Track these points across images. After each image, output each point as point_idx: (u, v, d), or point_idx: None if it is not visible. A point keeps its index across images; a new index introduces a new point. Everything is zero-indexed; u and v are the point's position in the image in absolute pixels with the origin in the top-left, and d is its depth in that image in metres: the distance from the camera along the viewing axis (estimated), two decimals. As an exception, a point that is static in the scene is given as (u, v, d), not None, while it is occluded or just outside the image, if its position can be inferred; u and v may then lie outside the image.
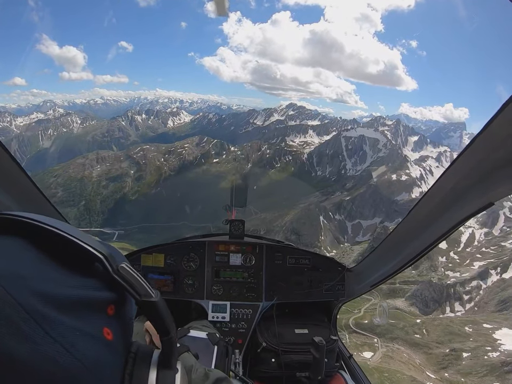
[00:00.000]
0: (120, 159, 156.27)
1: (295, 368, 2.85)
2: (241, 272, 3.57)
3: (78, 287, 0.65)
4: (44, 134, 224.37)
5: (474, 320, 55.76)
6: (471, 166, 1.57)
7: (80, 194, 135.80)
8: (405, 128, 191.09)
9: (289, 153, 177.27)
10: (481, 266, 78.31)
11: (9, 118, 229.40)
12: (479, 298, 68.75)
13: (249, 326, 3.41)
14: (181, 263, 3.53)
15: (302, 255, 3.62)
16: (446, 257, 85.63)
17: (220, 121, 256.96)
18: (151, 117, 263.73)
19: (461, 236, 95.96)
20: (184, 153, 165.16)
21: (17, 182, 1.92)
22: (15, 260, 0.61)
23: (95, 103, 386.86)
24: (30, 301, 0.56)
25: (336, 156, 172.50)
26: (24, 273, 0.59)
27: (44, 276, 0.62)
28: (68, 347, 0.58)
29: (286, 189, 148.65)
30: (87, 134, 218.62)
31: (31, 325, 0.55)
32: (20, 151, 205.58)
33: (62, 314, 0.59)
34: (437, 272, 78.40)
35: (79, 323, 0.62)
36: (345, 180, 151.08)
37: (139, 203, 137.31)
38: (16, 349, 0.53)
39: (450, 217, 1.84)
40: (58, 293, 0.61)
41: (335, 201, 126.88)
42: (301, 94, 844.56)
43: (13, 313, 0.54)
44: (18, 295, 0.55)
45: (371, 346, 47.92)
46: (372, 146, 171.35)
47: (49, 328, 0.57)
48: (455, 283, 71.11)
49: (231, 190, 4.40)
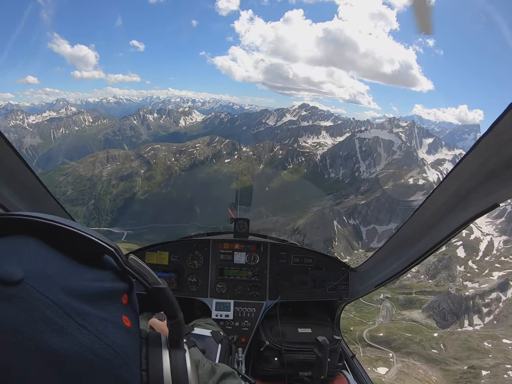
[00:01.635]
0: (130, 158, 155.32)
1: (298, 367, 2.91)
2: (245, 271, 3.60)
3: (96, 280, 0.71)
4: (56, 132, 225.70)
5: (494, 335, 52.88)
6: (476, 167, 1.56)
7: (90, 193, 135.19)
8: (420, 130, 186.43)
9: (302, 154, 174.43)
10: (500, 276, 74.67)
11: (22, 116, 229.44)
12: (498, 311, 65.28)
13: (253, 325, 3.44)
14: (185, 261, 3.57)
15: (306, 255, 3.66)
16: (464, 266, 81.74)
17: (231, 121, 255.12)
18: (162, 116, 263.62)
19: (480, 244, 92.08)
20: (195, 153, 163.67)
21: (25, 181, 1.94)
22: (36, 259, 0.64)
23: (107, 101, 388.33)
24: (60, 297, 0.61)
25: (349, 157, 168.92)
26: (48, 271, 0.64)
27: (65, 272, 0.67)
28: (98, 335, 0.64)
29: (299, 191, 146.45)
30: (98, 132, 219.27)
31: (65, 318, 0.60)
32: (32, 149, 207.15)
33: (88, 306, 0.65)
34: (455, 282, 75.02)
35: (103, 313, 0.67)
36: (359, 182, 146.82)
37: (149, 203, 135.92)
38: (56, 342, 0.58)
39: (455, 218, 1.84)
40: (81, 287, 0.66)
41: (349, 204, 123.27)
42: (313, 94, 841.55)
43: (47, 310, 0.59)
44: (48, 292, 0.60)
45: (386, 361, 45.47)
46: (386, 148, 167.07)
47: (81, 320, 0.62)
48: (474, 295, 67.48)
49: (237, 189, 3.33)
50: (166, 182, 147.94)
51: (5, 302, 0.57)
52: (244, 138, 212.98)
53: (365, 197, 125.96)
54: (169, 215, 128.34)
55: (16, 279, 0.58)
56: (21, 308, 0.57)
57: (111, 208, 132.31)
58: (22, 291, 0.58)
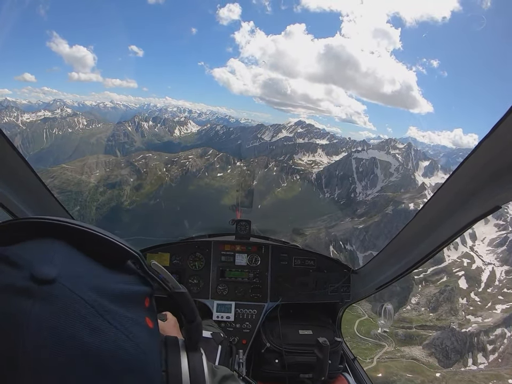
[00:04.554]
0: (120, 165, 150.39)
1: (299, 369, 2.95)
2: (246, 272, 3.63)
3: (122, 283, 0.75)
4: (49, 132, 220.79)
5: (499, 374, 50.57)
6: (477, 170, 1.58)
7: (76, 199, 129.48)
8: (416, 152, 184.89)
9: (297, 172, 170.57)
10: (504, 310, 71.03)
11: (16, 113, 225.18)
12: (503, 348, 61.24)
13: (254, 326, 3.47)
14: (186, 263, 3.61)
15: (307, 256, 3.70)
16: (466, 298, 77.68)
17: (227, 134, 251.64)
18: (158, 124, 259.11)
19: (481, 274, 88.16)
20: (188, 164, 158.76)
21: (26, 181, 1.96)
22: (67, 260, 0.68)
23: (104, 106, 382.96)
24: (91, 296, 0.65)
25: (346, 177, 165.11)
26: (78, 271, 0.67)
27: (94, 274, 0.71)
28: (127, 334, 0.68)
29: (292, 210, 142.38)
30: (92, 136, 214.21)
31: (97, 317, 0.64)
32: (23, 147, 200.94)
33: (116, 307, 0.68)
34: (457, 316, 70.90)
35: (129, 313, 0.71)
36: (356, 204, 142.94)
37: (136, 214, 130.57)
38: (91, 340, 0.61)
39: (457, 220, 1.86)
40: (109, 288, 0.70)
41: (345, 227, 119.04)
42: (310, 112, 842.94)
43: (81, 309, 0.62)
44: (80, 292, 0.63)
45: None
46: (383, 170, 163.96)
47: (111, 319, 0.66)
48: (478, 331, 63.65)
49: (238, 192, 3.78)
50: (155, 193, 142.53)
51: (41, 300, 0.59)
52: (238, 152, 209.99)
53: (362, 220, 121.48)
54: (156, 227, 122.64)
55: (50, 278, 0.61)
56: (56, 306, 0.60)
57: (96, 217, 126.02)
58: (56, 290, 0.61)
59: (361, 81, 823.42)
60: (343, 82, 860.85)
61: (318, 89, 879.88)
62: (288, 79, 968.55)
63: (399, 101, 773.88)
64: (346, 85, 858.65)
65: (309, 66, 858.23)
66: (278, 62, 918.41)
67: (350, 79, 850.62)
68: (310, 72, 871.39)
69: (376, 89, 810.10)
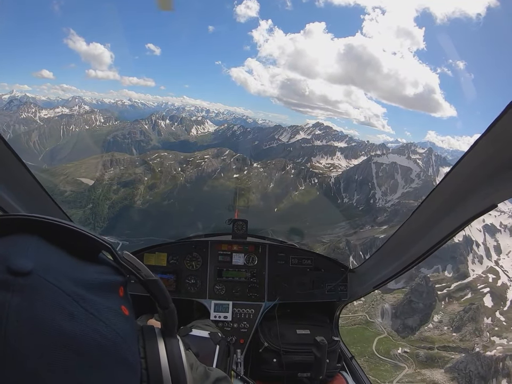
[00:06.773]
0: (135, 164, 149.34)
1: (297, 369, 2.95)
2: (243, 272, 3.64)
3: (96, 273, 0.77)
4: (66, 129, 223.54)
5: None
6: (474, 168, 1.59)
7: (89, 197, 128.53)
8: (437, 158, 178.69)
9: (315, 175, 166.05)
10: (530, 332, 65.97)
11: (34, 109, 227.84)
12: (529, 375, 56.36)
13: (251, 326, 3.48)
14: (183, 262, 3.61)
15: (304, 256, 3.71)
16: (491, 318, 72.30)
17: (244, 134, 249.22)
18: (175, 123, 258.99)
19: (507, 291, 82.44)
20: (203, 164, 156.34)
21: (22, 181, 1.97)
22: (41, 253, 0.70)
23: (122, 104, 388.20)
24: (68, 286, 0.67)
25: (365, 182, 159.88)
26: (53, 263, 0.70)
27: (68, 265, 0.73)
28: (105, 321, 0.70)
29: (310, 215, 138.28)
30: (108, 133, 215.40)
31: (74, 305, 0.66)
32: (39, 143, 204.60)
33: (92, 295, 0.71)
34: (482, 337, 65.57)
35: (105, 302, 0.73)
36: (376, 211, 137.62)
37: (149, 213, 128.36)
38: (70, 327, 0.63)
39: (453, 218, 1.87)
40: (84, 278, 0.72)
41: (365, 236, 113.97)
42: (328, 114, 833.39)
43: (59, 298, 0.64)
44: (57, 282, 0.66)
45: None
46: (404, 175, 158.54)
47: (88, 307, 0.68)
48: (504, 355, 58.57)
49: (235, 191, 4.19)
50: (169, 193, 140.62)
51: (19, 292, 0.61)
52: (255, 153, 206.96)
53: (383, 230, 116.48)
54: (169, 228, 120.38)
55: (27, 270, 0.63)
56: (34, 297, 0.62)
57: (109, 215, 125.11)
58: (33, 281, 0.63)
59: (382, 83, 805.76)
60: (363, 84, 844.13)
61: (337, 91, 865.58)
62: (307, 80, 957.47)
63: (421, 104, 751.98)
64: (366, 86, 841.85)
65: (328, 67, 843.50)
66: (297, 62, 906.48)
67: (370, 80, 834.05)
68: (329, 73, 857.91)
69: (397, 92, 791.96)
